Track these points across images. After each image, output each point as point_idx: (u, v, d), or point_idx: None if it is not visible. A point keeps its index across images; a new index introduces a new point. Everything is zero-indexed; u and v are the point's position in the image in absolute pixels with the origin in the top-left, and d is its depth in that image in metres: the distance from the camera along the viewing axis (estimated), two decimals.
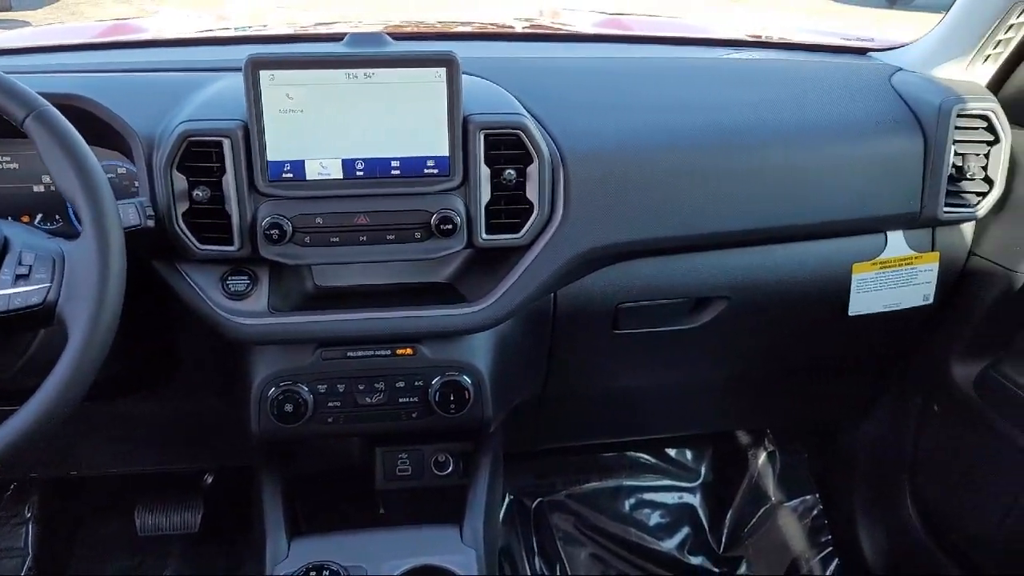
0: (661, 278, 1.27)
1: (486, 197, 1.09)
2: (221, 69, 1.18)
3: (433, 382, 1.18)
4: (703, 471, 2.06)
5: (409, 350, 1.18)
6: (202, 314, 1.09)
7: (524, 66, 1.33)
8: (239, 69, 1.01)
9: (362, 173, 1.06)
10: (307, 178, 1.05)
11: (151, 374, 1.28)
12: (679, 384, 1.56)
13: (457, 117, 1.04)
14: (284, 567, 1.13)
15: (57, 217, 1.19)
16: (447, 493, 1.30)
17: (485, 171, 1.08)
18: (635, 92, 1.27)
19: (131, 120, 1.07)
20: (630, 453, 2.04)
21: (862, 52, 1.52)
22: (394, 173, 1.06)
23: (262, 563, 1.16)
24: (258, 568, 1.18)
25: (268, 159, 1.03)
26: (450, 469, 1.33)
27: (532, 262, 1.12)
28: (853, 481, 1.81)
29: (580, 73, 1.32)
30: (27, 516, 1.76)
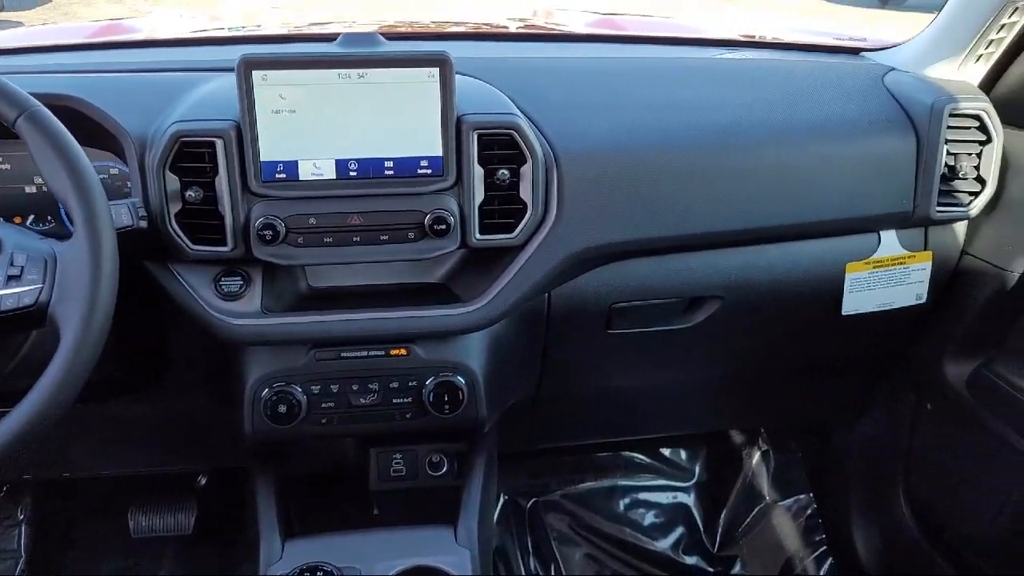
0: (655, 278, 1.27)
1: (480, 197, 1.09)
2: (214, 69, 1.18)
3: (427, 382, 1.18)
4: (697, 471, 2.06)
5: (403, 350, 1.17)
6: (195, 315, 1.09)
7: (517, 66, 1.33)
8: (232, 69, 1.01)
9: (355, 173, 1.06)
10: (300, 178, 1.05)
11: (144, 375, 1.28)
12: (673, 384, 1.56)
13: (451, 117, 1.04)
14: (278, 568, 1.13)
15: (49, 218, 1.19)
16: (441, 493, 1.30)
17: (479, 171, 1.08)
18: (629, 92, 1.27)
19: (123, 120, 1.07)
20: (625, 453, 2.04)
21: (855, 52, 1.52)
22: (387, 173, 1.06)
23: (256, 564, 1.16)
24: (252, 569, 1.17)
25: (261, 159, 1.03)
26: (444, 469, 1.33)
27: (526, 262, 1.12)
28: (847, 480, 1.81)
29: (573, 73, 1.32)
30: (20, 518, 1.75)
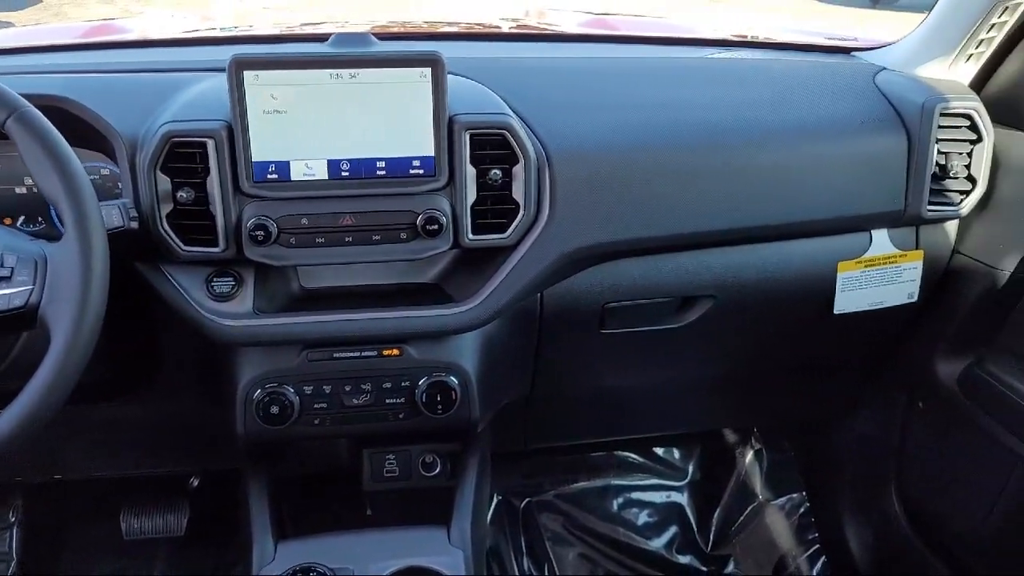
0: (647, 277, 1.27)
1: (472, 197, 1.09)
2: (205, 69, 1.18)
3: (420, 383, 1.18)
4: (691, 470, 2.06)
5: (396, 351, 1.17)
6: (187, 316, 1.08)
7: (510, 66, 1.33)
8: (223, 69, 1.00)
9: (347, 174, 1.06)
10: (292, 179, 1.05)
11: (135, 377, 1.28)
12: (666, 383, 1.56)
13: (443, 117, 1.04)
14: (271, 569, 1.13)
15: (40, 219, 1.18)
16: (435, 494, 1.30)
17: (471, 171, 1.08)
18: (621, 92, 1.27)
19: (114, 121, 1.06)
20: (618, 452, 2.04)
21: (846, 52, 1.53)
22: (380, 173, 1.06)
23: (249, 566, 1.16)
24: (245, 571, 1.17)
25: (253, 160, 1.03)
26: (438, 470, 1.33)
27: (518, 262, 1.12)
28: (839, 479, 1.81)
29: (566, 73, 1.32)
30: (11, 521, 1.74)
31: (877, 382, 1.66)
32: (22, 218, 1.18)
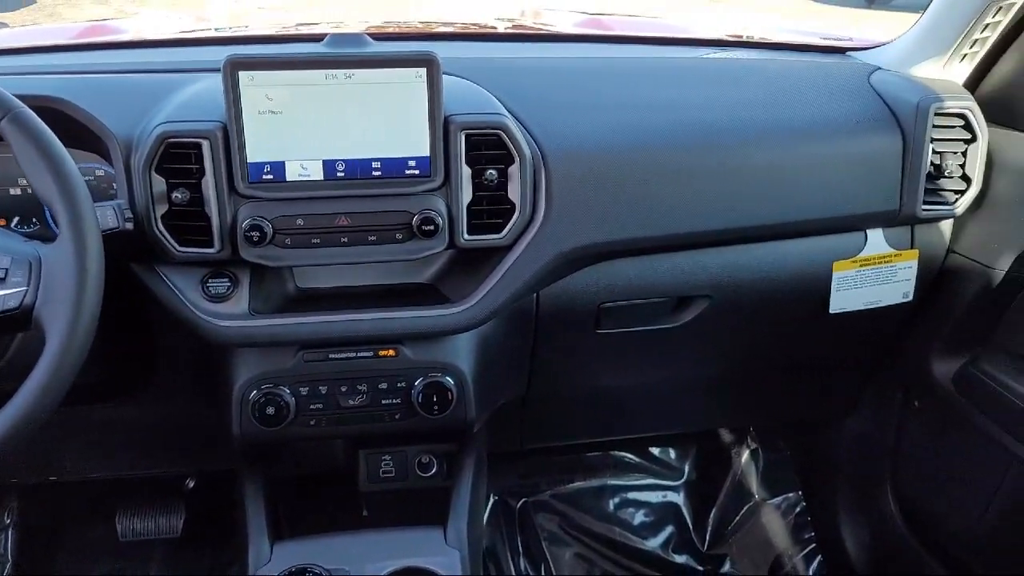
0: (643, 277, 1.27)
1: (468, 197, 1.09)
2: (200, 70, 1.18)
3: (416, 383, 1.18)
4: (687, 470, 2.06)
5: (391, 351, 1.17)
6: (182, 317, 1.08)
7: (505, 66, 1.33)
8: (218, 70, 1.00)
9: (343, 174, 1.05)
10: (287, 179, 1.04)
11: (131, 378, 1.27)
12: (662, 383, 1.56)
13: (438, 117, 1.04)
14: (267, 570, 1.13)
15: (34, 220, 1.18)
16: (431, 494, 1.30)
17: (466, 171, 1.08)
18: (616, 92, 1.27)
19: (109, 122, 1.06)
20: (614, 452, 2.04)
21: (841, 51, 1.53)
22: (375, 174, 1.06)
23: (245, 567, 1.16)
24: (241, 572, 1.17)
25: (248, 160, 1.03)
26: (434, 470, 1.33)
27: (514, 262, 1.12)
28: (835, 478, 1.82)
29: (561, 73, 1.32)
30: (7, 522, 1.74)
31: (873, 381, 1.66)
32: (16, 219, 1.18)
